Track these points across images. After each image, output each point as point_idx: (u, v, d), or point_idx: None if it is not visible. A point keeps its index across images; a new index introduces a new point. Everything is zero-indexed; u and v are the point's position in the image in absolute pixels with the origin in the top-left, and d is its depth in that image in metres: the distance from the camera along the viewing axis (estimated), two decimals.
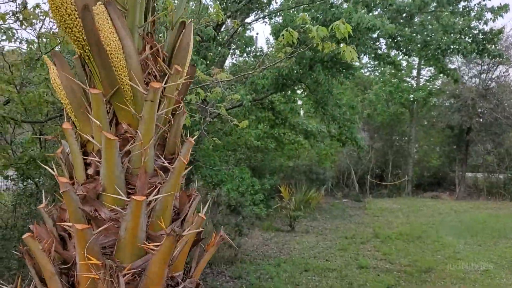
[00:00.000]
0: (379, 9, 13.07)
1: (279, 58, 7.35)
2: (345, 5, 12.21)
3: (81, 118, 1.89)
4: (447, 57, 19.31)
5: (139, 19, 1.90)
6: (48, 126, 7.01)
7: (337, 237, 14.67)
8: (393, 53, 14.39)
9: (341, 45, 6.37)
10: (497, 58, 11.82)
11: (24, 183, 8.94)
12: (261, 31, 52.73)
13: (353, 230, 15.74)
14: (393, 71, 27.27)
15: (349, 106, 14.55)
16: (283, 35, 6.74)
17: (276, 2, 14.56)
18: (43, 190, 7.44)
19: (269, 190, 16.69)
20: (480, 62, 25.08)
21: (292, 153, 18.34)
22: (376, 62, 14.29)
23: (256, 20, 14.93)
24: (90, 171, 1.86)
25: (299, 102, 16.74)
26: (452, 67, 22.83)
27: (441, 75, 27.31)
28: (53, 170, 1.92)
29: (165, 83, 1.88)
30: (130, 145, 1.80)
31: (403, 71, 20.92)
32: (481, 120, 25.16)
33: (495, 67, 25.33)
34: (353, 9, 11.59)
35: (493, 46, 11.59)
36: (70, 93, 1.89)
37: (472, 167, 27.58)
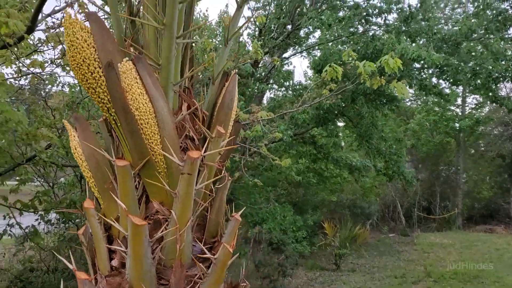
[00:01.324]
0: (423, 39, 12.60)
1: (322, 94, 7.03)
2: (385, 36, 11.82)
3: (105, 195, 1.58)
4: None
5: (175, 75, 1.60)
6: None
7: (386, 276, 13.84)
8: (437, 81, 13.79)
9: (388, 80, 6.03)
10: None
11: (66, 226, 8.88)
12: (298, 64, 52.95)
13: (402, 268, 14.83)
14: (436, 100, 26.46)
15: (395, 139, 13.93)
16: (326, 70, 6.42)
17: (313, 36, 14.31)
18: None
19: (312, 226, 16.11)
20: None
21: (335, 187, 17.76)
22: (423, 93, 13.69)
23: (294, 54, 14.77)
24: (115, 262, 1.52)
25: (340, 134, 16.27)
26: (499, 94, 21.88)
27: (489, 102, 26.32)
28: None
29: (205, 149, 1.55)
30: (162, 230, 1.47)
31: (450, 100, 20.17)
32: None
33: None
34: (395, 40, 11.19)
35: None
36: (93, 164, 1.59)
37: None
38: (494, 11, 12.08)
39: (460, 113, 27.19)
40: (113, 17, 1.63)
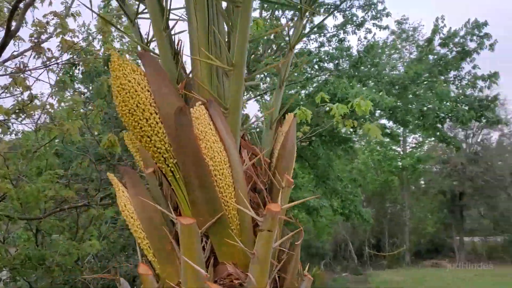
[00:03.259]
0: (372, 83, 13.14)
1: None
2: (338, 81, 12.20)
3: (163, 258, 1.37)
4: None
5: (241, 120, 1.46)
6: (46, 222, 6.37)
7: None
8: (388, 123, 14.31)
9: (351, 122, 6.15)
10: (497, 124, 11.81)
11: (17, 283, 8.09)
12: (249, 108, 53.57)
13: None
14: (378, 140, 27.56)
15: (350, 179, 14.19)
16: (295, 113, 6.45)
17: (265, 82, 14.52)
18: None
19: None
20: (466, 126, 25.54)
21: (290, 228, 17.64)
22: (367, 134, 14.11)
23: (248, 100, 14.86)
24: None
25: None
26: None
27: (427, 141, 27.77)
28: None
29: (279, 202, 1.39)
30: None
31: (399, 141, 21.06)
32: (473, 184, 25.12)
33: (479, 131, 25.78)
34: (348, 84, 11.58)
35: (491, 113, 11.60)
36: (148, 224, 1.38)
37: (468, 231, 27.28)
38: (436, 56, 12.89)
39: (401, 152, 28.39)
40: (163, 57, 1.47)
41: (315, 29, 13.63)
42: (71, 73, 9.54)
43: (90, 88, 9.78)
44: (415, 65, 12.93)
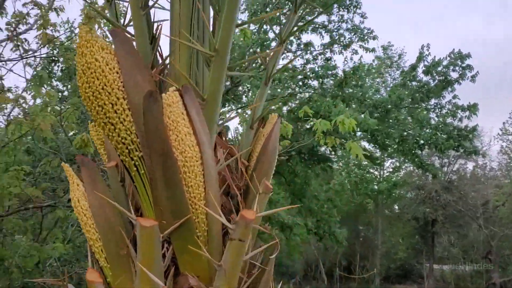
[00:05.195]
0: (355, 104, 13.15)
1: None
2: (321, 99, 12.18)
3: (116, 264, 1.20)
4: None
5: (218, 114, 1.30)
6: (9, 220, 6.05)
7: None
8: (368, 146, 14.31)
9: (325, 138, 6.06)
10: (473, 155, 11.95)
11: None
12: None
13: None
14: (357, 162, 27.71)
15: (327, 199, 14.11)
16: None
17: (248, 96, 14.43)
18: None
19: None
20: (442, 155, 25.85)
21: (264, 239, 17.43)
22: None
23: (230, 110, 14.74)
24: None
25: None
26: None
27: (404, 166, 28.02)
28: None
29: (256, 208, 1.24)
30: None
31: (380, 164, 21.18)
32: (446, 212, 25.38)
33: (455, 161, 26.13)
34: (331, 102, 11.56)
35: (469, 143, 11.71)
36: (103, 223, 1.21)
37: (438, 259, 27.47)
38: (419, 83, 13.02)
39: (378, 176, 28.57)
40: (138, 39, 1.32)
41: (302, 43, 13.63)
42: (49, 69, 9.27)
43: (69, 87, 9.50)
44: (398, 89, 13.00)
